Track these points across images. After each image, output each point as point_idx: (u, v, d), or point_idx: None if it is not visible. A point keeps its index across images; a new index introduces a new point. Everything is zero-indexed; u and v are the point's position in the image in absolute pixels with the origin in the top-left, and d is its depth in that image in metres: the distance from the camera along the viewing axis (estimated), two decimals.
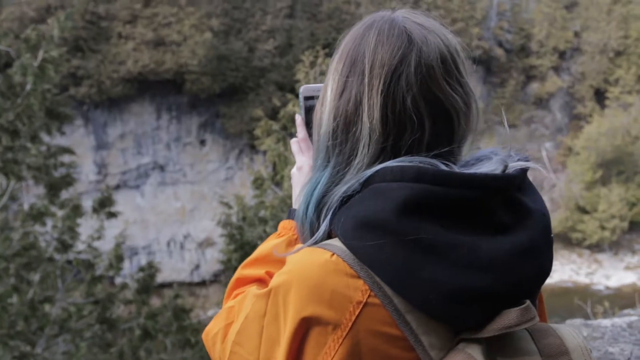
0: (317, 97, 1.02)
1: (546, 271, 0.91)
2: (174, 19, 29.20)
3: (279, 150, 8.92)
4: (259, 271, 1.03)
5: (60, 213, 7.53)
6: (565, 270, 31.45)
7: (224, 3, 30.04)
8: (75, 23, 6.20)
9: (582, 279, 30.91)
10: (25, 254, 6.29)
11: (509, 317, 0.82)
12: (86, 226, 8.38)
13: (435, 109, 0.89)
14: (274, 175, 8.88)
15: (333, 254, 0.86)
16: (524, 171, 0.91)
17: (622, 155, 31.58)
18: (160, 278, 10.61)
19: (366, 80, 0.91)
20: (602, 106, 33.36)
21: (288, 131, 9.09)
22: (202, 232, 31.05)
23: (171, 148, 32.49)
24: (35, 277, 6.73)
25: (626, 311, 3.16)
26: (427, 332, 0.83)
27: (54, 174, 6.44)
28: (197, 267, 30.87)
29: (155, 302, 9.50)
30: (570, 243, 32.27)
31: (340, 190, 0.90)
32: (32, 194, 9.35)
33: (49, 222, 7.39)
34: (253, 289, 0.95)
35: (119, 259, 8.29)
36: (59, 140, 7.52)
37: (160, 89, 30.52)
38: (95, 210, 8.34)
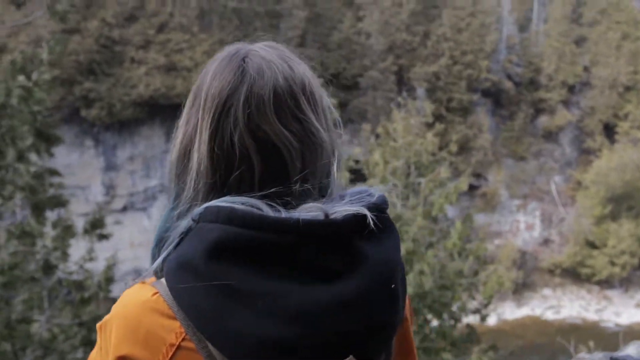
0: None
1: (381, 323, 0.85)
2: (186, 45, 29.69)
3: None
4: None
5: (52, 233, 7.56)
6: (574, 306, 30.85)
7: (236, 30, 30.53)
8: (62, 47, 6.31)
9: (592, 316, 30.28)
10: (7, 273, 6.30)
11: None
12: (84, 247, 8.39)
13: (264, 146, 0.85)
14: None
15: (156, 293, 0.84)
16: (356, 217, 0.84)
17: (632, 190, 31.22)
18: None
19: (200, 113, 0.89)
20: (612, 141, 33.15)
21: None
22: None
23: None
24: (20, 296, 6.72)
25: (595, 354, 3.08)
26: None
27: (40, 194, 6.50)
28: None
29: None
30: (579, 278, 31.72)
31: (181, 226, 0.88)
32: (25, 214, 9.41)
33: (41, 243, 7.42)
34: None
35: (109, 281, 8.27)
36: (64, 160, 7.59)
37: (170, 112, 30.87)
38: (87, 231, 8.35)
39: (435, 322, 9.41)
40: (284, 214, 0.83)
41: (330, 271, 0.82)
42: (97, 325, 0.89)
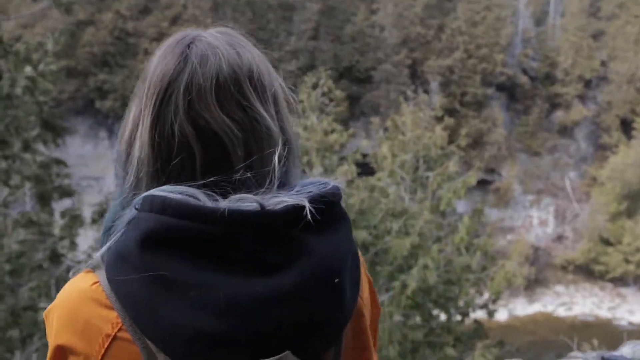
0: None
1: (321, 318, 0.82)
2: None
3: None
4: None
5: (61, 223, 7.64)
6: (587, 303, 30.57)
7: (249, 24, 30.51)
8: (67, 39, 6.34)
9: (605, 313, 29.99)
10: (14, 261, 6.37)
11: None
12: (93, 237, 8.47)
13: (204, 134, 0.83)
14: None
15: (95, 282, 0.83)
16: (295, 208, 0.81)
17: None
18: None
19: (143, 100, 0.88)
20: (629, 136, 32.67)
21: None
22: None
23: None
24: (27, 285, 6.80)
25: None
26: None
27: (47, 184, 6.56)
28: None
29: None
30: (592, 275, 31.41)
31: (126, 215, 0.86)
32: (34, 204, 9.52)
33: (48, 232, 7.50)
34: None
35: None
36: (78, 151, 7.66)
37: None
38: (95, 221, 8.43)
39: (443, 317, 9.37)
40: (221, 204, 0.80)
41: (268, 264, 0.80)
42: (44, 313, 0.88)
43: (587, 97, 33.75)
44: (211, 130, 0.84)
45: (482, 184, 31.35)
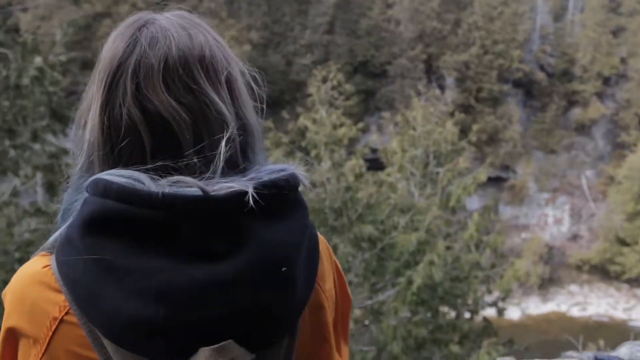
0: None
1: (266, 308, 0.80)
2: (215, 31, 29.81)
3: (287, 163, 8.91)
4: None
5: None
6: (602, 303, 30.23)
7: (264, 16, 30.51)
8: (75, 30, 6.40)
9: (620, 314, 29.63)
10: (22, 250, 6.45)
11: (200, 356, 0.76)
12: None
13: (152, 118, 0.83)
14: None
15: (47, 266, 0.83)
16: (241, 194, 0.79)
17: None
18: None
19: (95, 83, 0.88)
20: None
21: (297, 144, 9.12)
22: None
23: None
24: None
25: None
26: None
27: (56, 174, 6.63)
28: None
29: None
30: (608, 276, 31.03)
31: (80, 198, 0.86)
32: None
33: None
34: None
35: None
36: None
37: None
38: None
39: (452, 314, 9.31)
40: (167, 189, 0.79)
41: (213, 251, 0.78)
42: (2, 295, 0.89)
43: (605, 94, 33.25)
44: (159, 114, 0.83)
45: (497, 181, 31.09)
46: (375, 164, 11.84)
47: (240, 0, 30.64)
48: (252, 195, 0.79)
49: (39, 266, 0.84)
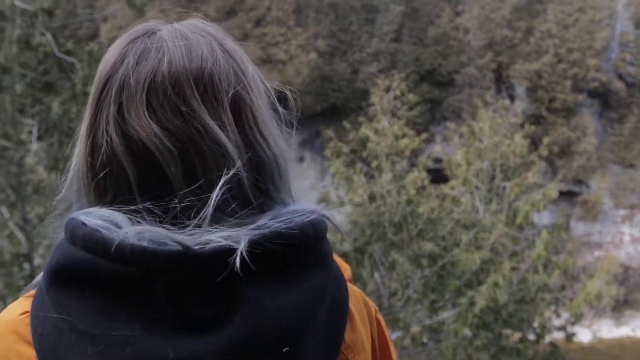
0: None
1: None
2: (282, 39, 30.23)
3: (347, 173, 8.78)
4: None
5: None
6: None
7: (331, 25, 30.60)
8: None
9: None
10: None
11: None
12: None
13: (135, 146, 0.69)
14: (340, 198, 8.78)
15: (25, 312, 0.72)
16: (229, 250, 0.64)
17: None
18: None
19: (88, 102, 0.76)
20: None
21: (358, 155, 8.95)
22: None
23: None
24: None
25: None
26: None
27: None
28: None
29: None
30: None
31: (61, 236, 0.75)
32: None
33: None
34: None
35: None
36: None
37: None
38: None
39: (517, 337, 8.84)
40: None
41: (195, 318, 0.64)
42: None
43: None
44: (141, 142, 0.69)
45: (569, 195, 29.64)
46: (438, 175, 11.49)
47: (307, 9, 30.91)
48: (243, 254, 0.64)
49: (17, 312, 0.72)
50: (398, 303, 7.76)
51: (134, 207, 0.69)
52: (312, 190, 9.63)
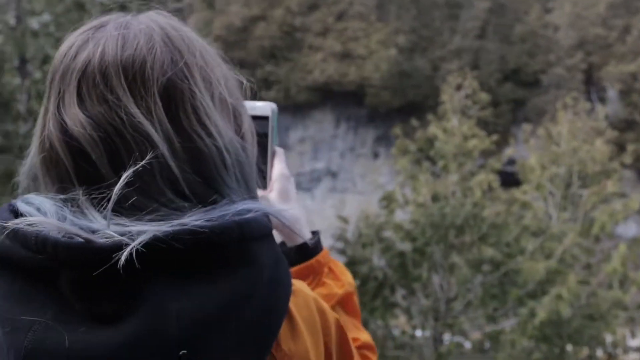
0: (258, 116, 0.98)
1: None
2: (362, 34, 30.12)
3: (413, 172, 8.62)
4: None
5: None
6: None
7: (413, 20, 30.12)
8: (205, 32, 6.66)
9: None
10: None
11: None
12: None
13: (67, 135, 0.70)
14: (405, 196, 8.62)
15: None
16: (119, 246, 0.63)
17: None
18: None
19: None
20: None
21: (424, 153, 8.74)
22: None
23: (345, 157, 33.59)
24: None
25: None
26: None
27: None
28: None
29: None
30: None
31: None
32: None
33: None
34: None
35: None
36: None
37: (342, 99, 31.67)
38: None
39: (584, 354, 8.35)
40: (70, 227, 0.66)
41: (96, 312, 0.64)
42: None
43: None
44: (70, 131, 0.70)
45: None
46: (511, 179, 11.03)
47: (389, 4, 30.59)
48: (133, 251, 0.62)
49: None
50: (457, 307, 7.53)
51: (66, 196, 0.69)
52: (381, 189, 9.53)
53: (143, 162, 0.68)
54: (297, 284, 0.79)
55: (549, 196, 9.13)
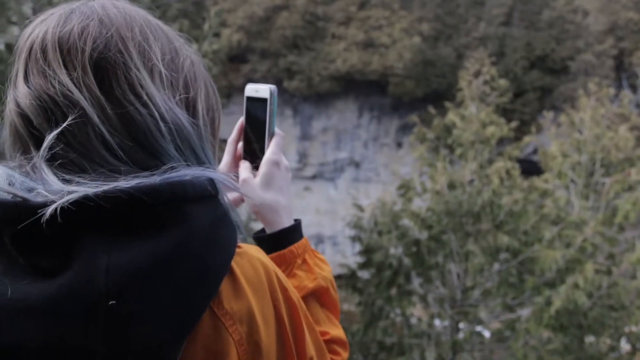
0: (258, 98, 1.03)
1: (79, 348, 0.66)
2: (385, 22, 29.82)
3: (430, 160, 8.54)
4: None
5: None
6: None
7: (437, 8, 29.71)
8: (219, 20, 6.75)
9: None
10: None
11: None
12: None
13: (18, 107, 0.79)
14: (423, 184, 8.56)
15: None
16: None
17: None
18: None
19: None
20: None
21: (442, 141, 8.65)
22: None
23: (368, 147, 33.45)
24: None
25: None
26: None
27: None
28: None
29: None
30: None
31: None
32: None
33: None
34: None
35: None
36: None
37: (365, 88, 31.49)
38: None
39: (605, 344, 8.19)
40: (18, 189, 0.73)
41: (36, 267, 0.70)
42: None
43: None
44: (20, 103, 0.79)
45: None
46: (535, 168, 10.84)
47: None
48: (58, 208, 0.68)
49: None
50: (473, 295, 7.47)
51: (28, 162, 0.76)
52: (399, 178, 9.49)
53: (66, 123, 0.74)
54: (247, 247, 0.82)
55: (571, 184, 8.95)
